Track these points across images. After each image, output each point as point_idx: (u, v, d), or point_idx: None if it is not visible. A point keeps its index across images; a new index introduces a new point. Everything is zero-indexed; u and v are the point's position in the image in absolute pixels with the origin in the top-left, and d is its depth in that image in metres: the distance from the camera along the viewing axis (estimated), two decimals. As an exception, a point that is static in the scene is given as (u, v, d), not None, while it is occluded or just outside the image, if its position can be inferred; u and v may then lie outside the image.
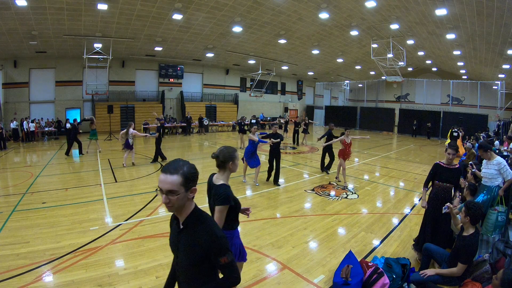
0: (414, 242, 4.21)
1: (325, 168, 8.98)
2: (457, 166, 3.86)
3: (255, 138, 7.24)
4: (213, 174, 2.49)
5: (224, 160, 2.37)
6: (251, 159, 7.26)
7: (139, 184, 7.32)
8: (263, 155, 12.15)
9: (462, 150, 13.43)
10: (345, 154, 7.80)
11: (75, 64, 18.41)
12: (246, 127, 15.63)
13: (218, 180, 2.41)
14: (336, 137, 8.20)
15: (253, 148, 7.28)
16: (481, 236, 3.89)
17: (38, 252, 3.83)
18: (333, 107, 31.75)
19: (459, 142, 13.72)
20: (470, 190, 4.31)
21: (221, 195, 2.28)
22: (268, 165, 7.65)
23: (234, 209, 2.32)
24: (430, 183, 4.04)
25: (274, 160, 7.41)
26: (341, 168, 7.85)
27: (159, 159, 10.23)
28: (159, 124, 10.56)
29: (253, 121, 17.21)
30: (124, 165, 9.24)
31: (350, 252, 3.68)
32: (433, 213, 3.78)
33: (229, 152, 2.38)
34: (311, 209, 5.88)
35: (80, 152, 11.54)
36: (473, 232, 2.93)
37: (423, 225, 3.97)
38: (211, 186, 2.44)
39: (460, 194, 4.49)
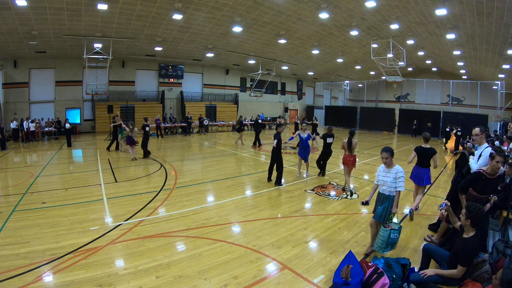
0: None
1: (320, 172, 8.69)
2: (498, 175, 3.44)
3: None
4: (420, 146, 5.49)
5: (429, 138, 5.49)
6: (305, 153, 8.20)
7: (139, 184, 7.32)
8: (264, 155, 12.17)
9: (452, 146, 14.15)
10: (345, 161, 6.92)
11: (75, 64, 18.42)
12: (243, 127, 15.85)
13: (426, 146, 5.42)
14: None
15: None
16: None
17: (38, 252, 3.83)
18: (333, 107, 31.75)
19: (453, 140, 14.45)
20: None
21: (435, 151, 5.44)
22: (269, 165, 7.68)
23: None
24: None
25: (276, 161, 7.48)
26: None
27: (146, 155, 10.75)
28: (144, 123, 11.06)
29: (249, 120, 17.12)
30: (136, 158, 10.28)
31: (350, 252, 3.68)
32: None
33: (429, 134, 5.62)
34: (311, 209, 5.88)
35: (108, 148, 12.37)
36: (473, 234, 2.92)
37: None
38: (424, 150, 5.42)
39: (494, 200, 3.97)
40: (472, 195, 3.54)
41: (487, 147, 3.89)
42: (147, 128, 10.86)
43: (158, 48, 18.64)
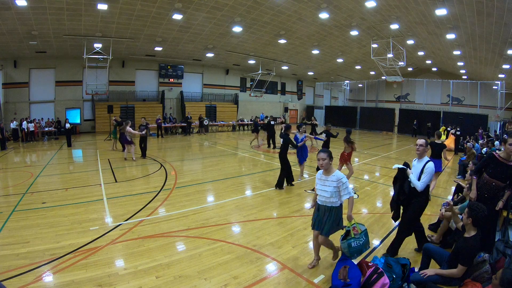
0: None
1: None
2: None
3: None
4: (433, 141, 6.43)
5: (441, 135, 6.77)
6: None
7: (139, 184, 7.32)
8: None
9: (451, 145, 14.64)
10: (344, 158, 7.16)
11: (75, 64, 18.42)
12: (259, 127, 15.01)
13: (438, 141, 6.70)
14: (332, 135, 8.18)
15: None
16: None
17: (38, 252, 3.83)
18: (333, 107, 31.76)
19: (451, 139, 14.96)
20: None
21: (445, 145, 6.77)
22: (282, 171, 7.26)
23: None
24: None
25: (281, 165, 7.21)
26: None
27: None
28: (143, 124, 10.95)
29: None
30: (134, 159, 10.20)
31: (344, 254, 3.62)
32: None
33: (441, 132, 7.08)
34: (311, 209, 5.86)
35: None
36: (474, 234, 2.91)
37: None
38: (436, 144, 6.45)
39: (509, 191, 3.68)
40: (483, 178, 3.54)
41: (429, 161, 3.67)
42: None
43: (158, 48, 18.64)
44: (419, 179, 3.64)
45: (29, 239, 4.19)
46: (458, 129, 15.24)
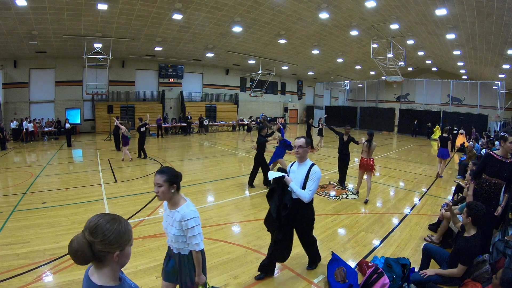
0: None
1: (341, 184, 7.61)
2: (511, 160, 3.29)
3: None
4: (441, 135, 8.83)
5: (447, 130, 9.35)
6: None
7: (139, 184, 7.32)
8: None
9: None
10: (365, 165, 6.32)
11: (75, 64, 18.42)
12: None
13: (445, 135, 8.90)
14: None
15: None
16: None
17: (38, 252, 3.83)
18: (333, 107, 31.76)
19: (460, 139, 15.52)
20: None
21: (450, 138, 9.15)
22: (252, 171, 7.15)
23: None
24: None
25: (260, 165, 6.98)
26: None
27: (142, 156, 10.72)
28: (140, 123, 10.87)
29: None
30: (131, 159, 10.13)
31: (333, 254, 3.49)
32: None
33: (448, 128, 9.82)
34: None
35: (117, 148, 12.37)
36: (474, 233, 2.91)
37: None
38: (444, 138, 8.75)
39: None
40: (483, 177, 3.49)
41: (313, 164, 3.03)
42: (142, 129, 10.54)
43: (158, 48, 18.63)
44: (304, 187, 2.97)
45: (29, 239, 4.19)
46: (455, 128, 15.99)
